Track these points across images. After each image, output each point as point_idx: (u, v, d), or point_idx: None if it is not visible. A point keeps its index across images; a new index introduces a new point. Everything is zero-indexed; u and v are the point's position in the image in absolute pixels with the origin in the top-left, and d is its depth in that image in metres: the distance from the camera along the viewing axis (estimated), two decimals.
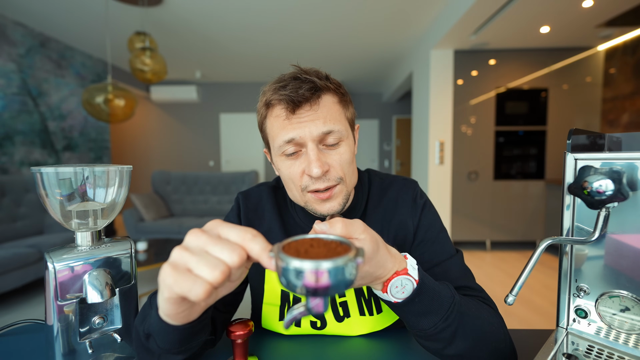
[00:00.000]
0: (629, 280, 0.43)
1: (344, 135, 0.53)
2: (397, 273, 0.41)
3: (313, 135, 0.50)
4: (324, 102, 0.52)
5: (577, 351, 0.45)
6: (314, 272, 0.24)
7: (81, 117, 4.14)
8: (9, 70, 3.21)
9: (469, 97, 3.58)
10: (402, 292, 0.41)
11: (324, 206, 0.54)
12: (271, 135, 0.54)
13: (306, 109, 0.50)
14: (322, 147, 0.52)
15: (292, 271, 0.25)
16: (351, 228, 0.37)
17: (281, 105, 0.51)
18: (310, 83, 0.50)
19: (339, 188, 0.54)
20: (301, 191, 0.54)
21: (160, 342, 0.39)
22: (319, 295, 0.25)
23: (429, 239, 0.59)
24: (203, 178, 4.15)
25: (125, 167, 0.49)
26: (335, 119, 0.52)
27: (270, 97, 0.52)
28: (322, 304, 0.26)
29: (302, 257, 0.26)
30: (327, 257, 0.26)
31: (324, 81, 0.52)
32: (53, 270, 0.43)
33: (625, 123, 3.27)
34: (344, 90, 0.56)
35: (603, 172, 0.41)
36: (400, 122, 6.64)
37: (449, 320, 0.42)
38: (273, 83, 0.53)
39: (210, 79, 5.84)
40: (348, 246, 0.28)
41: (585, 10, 2.72)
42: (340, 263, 0.25)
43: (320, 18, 3.34)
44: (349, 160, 0.54)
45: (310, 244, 0.29)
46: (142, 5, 2.98)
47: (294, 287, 0.25)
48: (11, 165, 3.27)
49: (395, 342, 0.57)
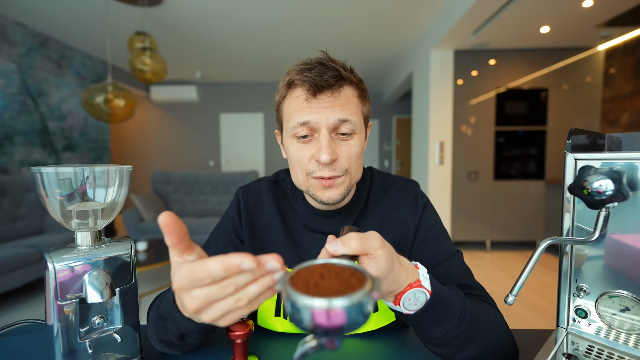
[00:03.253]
0: (629, 280, 0.43)
1: (358, 128, 0.54)
2: (411, 286, 0.39)
3: (329, 122, 0.51)
4: (345, 93, 0.52)
5: (577, 351, 0.45)
6: (326, 311, 0.22)
7: (81, 117, 4.14)
8: (9, 70, 3.21)
9: (469, 97, 3.58)
10: (415, 304, 0.40)
11: (324, 193, 0.54)
12: (287, 115, 0.55)
13: (327, 95, 0.51)
14: (334, 136, 0.53)
15: (301, 309, 0.23)
16: (367, 244, 0.34)
17: (304, 87, 0.51)
18: (335, 71, 0.51)
19: (342, 179, 0.54)
20: (306, 175, 0.54)
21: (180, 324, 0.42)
22: (331, 335, 0.23)
23: (430, 238, 0.60)
24: (203, 178, 4.15)
25: (125, 167, 0.49)
26: (352, 111, 0.53)
27: (294, 77, 0.52)
28: (336, 340, 0.24)
29: (312, 293, 0.23)
30: (340, 292, 0.23)
31: (348, 73, 0.53)
32: (53, 270, 0.43)
33: (625, 123, 3.27)
34: (364, 87, 0.57)
35: (603, 172, 0.41)
36: (400, 122, 6.64)
37: (462, 327, 0.42)
38: (299, 65, 0.54)
39: (210, 79, 5.84)
40: (362, 276, 0.26)
41: (585, 10, 2.71)
42: (355, 300, 0.22)
43: (320, 18, 3.34)
44: (357, 155, 0.54)
45: (321, 273, 0.26)
46: (142, 5, 2.98)
47: (304, 325, 0.23)
48: (11, 165, 3.27)
49: (394, 341, 0.57)
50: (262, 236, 0.63)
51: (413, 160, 4.21)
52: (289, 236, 0.62)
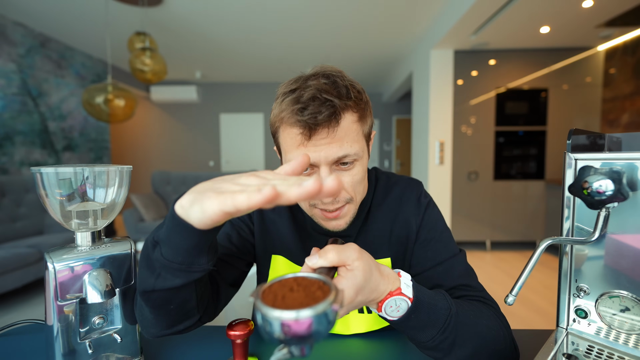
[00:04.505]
0: (629, 281, 0.43)
1: (359, 154, 0.52)
2: (391, 294, 0.40)
3: (328, 159, 0.49)
4: (343, 124, 0.49)
5: (577, 351, 0.45)
6: (288, 322, 0.23)
7: (81, 118, 4.14)
8: (9, 71, 3.21)
9: (469, 97, 3.58)
10: (397, 311, 0.41)
11: (329, 223, 0.55)
12: (284, 149, 0.53)
13: (323, 133, 0.48)
14: (335, 168, 0.52)
15: (264, 319, 0.24)
16: (343, 255, 0.36)
17: (298, 129, 0.48)
18: (330, 107, 0.47)
19: (347, 208, 0.54)
20: (309, 206, 0.55)
21: (165, 250, 0.37)
22: (298, 343, 0.25)
23: (432, 237, 0.60)
24: (203, 178, 4.15)
25: (125, 167, 0.49)
26: (352, 140, 0.50)
27: (287, 117, 0.49)
28: (305, 348, 0.25)
29: (278, 305, 0.25)
30: (304, 304, 0.25)
31: (344, 100, 0.49)
32: (53, 270, 0.43)
33: (625, 123, 3.27)
34: (364, 103, 0.53)
35: (603, 172, 0.41)
36: (400, 122, 6.64)
37: (447, 332, 0.43)
38: (290, 102, 0.49)
39: (210, 79, 5.84)
40: (329, 288, 0.27)
41: (585, 11, 2.71)
42: (318, 311, 0.24)
43: (320, 18, 3.34)
44: (360, 180, 0.53)
45: (291, 287, 0.28)
46: (142, 6, 2.98)
47: (272, 335, 0.24)
48: (11, 165, 3.27)
49: (393, 342, 0.57)
50: (271, 227, 0.63)
51: (413, 160, 4.21)
52: (297, 233, 0.62)
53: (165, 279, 0.39)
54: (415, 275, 0.58)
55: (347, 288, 0.36)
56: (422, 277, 0.57)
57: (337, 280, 0.37)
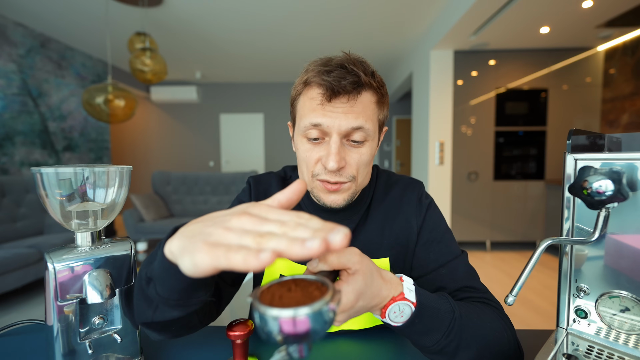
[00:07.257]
0: (629, 281, 0.43)
1: (371, 135, 0.52)
2: (394, 299, 0.40)
3: (341, 128, 0.50)
4: (362, 99, 0.51)
5: (577, 351, 0.45)
6: (284, 320, 0.23)
7: (81, 118, 4.14)
8: (9, 71, 3.21)
9: (468, 97, 3.58)
10: (400, 317, 0.41)
11: (328, 197, 0.54)
12: (300, 113, 0.54)
13: (343, 101, 0.49)
14: (345, 142, 0.52)
15: (262, 318, 0.24)
16: (344, 259, 0.36)
17: (320, 89, 0.50)
18: (355, 76, 0.49)
19: (348, 185, 0.54)
20: (311, 176, 0.54)
21: (160, 288, 0.36)
22: (295, 343, 0.24)
23: (434, 239, 0.59)
24: (203, 178, 4.15)
25: (125, 168, 0.49)
26: (367, 117, 0.51)
27: (312, 77, 0.51)
28: (303, 349, 0.25)
29: (275, 304, 0.24)
30: (300, 303, 0.24)
31: (369, 77, 0.51)
32: (53, 270, 0.43)
33: (625, 123, 3.27)
34: (384, 91, 0.55)
35: (603, 172, 0.41)
36: (400, 123, 6.64)
37: (451, 335, 0.42)
38: (318, 64, 0.52)
39: (210, 79, 5.84)
40: (327, 288, 0.27)
41: (585, 11, 2.72)
42: (314, 309, 0.23)
43: (320, 18, 3.34)
44: (366, 162, 0.54)
45: (289, 287, 0.28)
46: (142, 6, 2.99)
47: (270, 334, 0.24)
48: (11, 165, 3.27)
49: (393, 341, 0.57)
50: None
51: (413, 160, 4.21)
52: None
53: (163, 312, 0.39)
54: (418, 277, 0.58)
55: (348, 292, 0.36)
56: (425, 280, 0.57)
57: (338, 284, 0.37)
